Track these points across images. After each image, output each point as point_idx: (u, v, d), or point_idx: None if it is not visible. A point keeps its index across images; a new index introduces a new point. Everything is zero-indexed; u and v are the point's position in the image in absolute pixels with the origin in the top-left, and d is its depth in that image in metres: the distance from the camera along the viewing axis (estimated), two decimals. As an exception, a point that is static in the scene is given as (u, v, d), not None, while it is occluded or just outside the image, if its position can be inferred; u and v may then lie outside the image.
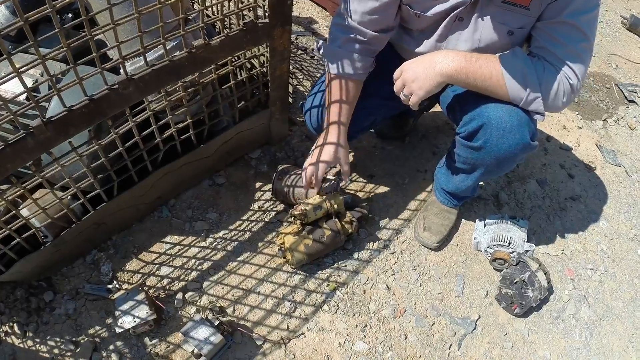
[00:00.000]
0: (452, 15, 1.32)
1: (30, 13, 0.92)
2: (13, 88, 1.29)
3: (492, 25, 1.29)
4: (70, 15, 1.57)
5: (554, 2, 1.19)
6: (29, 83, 1.31)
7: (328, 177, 1.72)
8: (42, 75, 1.38)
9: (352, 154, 2.02)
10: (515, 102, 1.29)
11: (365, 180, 1.96)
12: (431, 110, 2.12)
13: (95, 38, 1.07)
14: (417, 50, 1.47)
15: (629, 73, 2.87)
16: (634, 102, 2.64)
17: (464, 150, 1.48)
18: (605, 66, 2.86)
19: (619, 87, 2.72)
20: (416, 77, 1.31)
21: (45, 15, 0.93)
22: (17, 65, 0.98)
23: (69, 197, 1.36)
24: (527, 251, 1.72)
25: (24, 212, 1.32)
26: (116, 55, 1.17)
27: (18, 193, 1.24)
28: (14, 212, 1.26)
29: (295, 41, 2.45)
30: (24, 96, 1.06)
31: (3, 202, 1.21)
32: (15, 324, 1.43)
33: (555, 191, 2.07)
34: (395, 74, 1.39)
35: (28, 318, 1.45)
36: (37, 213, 1.31)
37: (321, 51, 1.50)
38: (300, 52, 2.42)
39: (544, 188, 2.07)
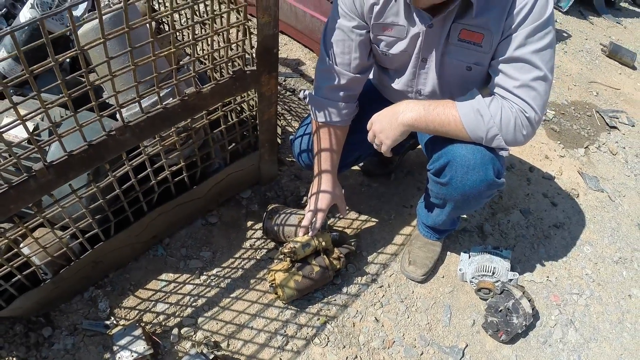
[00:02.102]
0: (414, 55, 1.44)
1: (35, 66, 1.03)
2: (16, 132, 1.37)
3: (452, 62, 1.40)
4: (68, 60, 1.68)
5: (503, 40, 1.28)
6: (30, 127, 1.40)
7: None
8: (42, 120, 1.47)
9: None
10: (477, 142, 1.36)
11: (352, 217, 2.03)
12: (416, 147, 2.23)
13: (94, 83, 1.17)
14: (393, 85, 1.59)
15: (610, 99, 2.98)
16: (615, 127, 2.74)
17: (433, 186, 1.56)
18: (586, 94, 2.98)
19: (600, 114, 2.82)
20: (382, 128, 1.45)
21: (48, 68, 1.04)
22: (21, 112, 1.07)
23: (68, 236, 1.44)
24: (510, 280, 1.77)
25: (25, 250, 1.39)
26: (114, 102, 1.27)
27: (20, 232, 1.31)
28: (15, 250, 1.33)
29: (284, 83, 2.58)
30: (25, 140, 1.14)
31: (5, 240, 1.29)
32: (14, 359, 1.47)
33: (539, 220, 2.14)
34: (368, 125, 1.52)
35: (27, 353, 1.49)
36: (37, 251, 1.37)
37: (307, 100, 1.63)
38: (288, 93, 2.54)
39: (528, 217, 2.14)
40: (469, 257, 1.86)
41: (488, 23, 1.27)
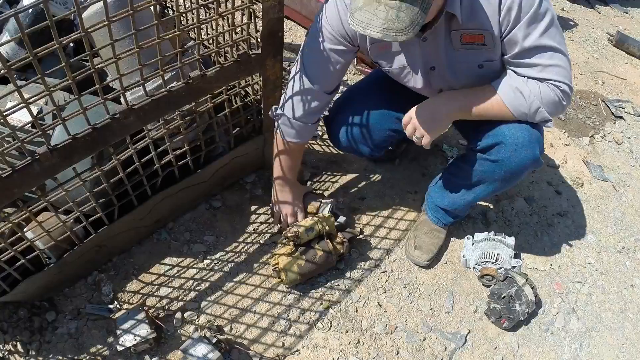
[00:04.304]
0: (421, 67, 1.45)
1: (39, 49, 1.01)
2: (20, 116, 1.36)
3: (462, 65, 1.42)
4: (71, 44, 1.66)
5: (507, 35, 1.30)
6: (34, 111, 1.39)
7: (324, 201, 1.83)
8: (46, 104, 1.46)
9: (345, 176, 2.10)
10: (522, 119, 1.39)
11: (356, 202, 2.02)
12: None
13: (98, 66, 1.16)
14: (415, 90, 1.60)
15: (616, 89, 2.96)
16: (620, 117, 2.72)
17: (478, 164, 1.56)
18: (592, 83, 2.95)
19: (605, 104, 2.80)
20: (425, 121, 1.44)
21: (52, 50, 1.02)
22: (25, 96, 1.06)
23: (72, 220, 1.43)
24: (514, 267, 1.77)
25: (29, 234, 1.38)
26: (118, 86, 1.26)
27: (24, 216, 1.31)
28: (19, 234, 1.33)
29: (288, 67, 2.55)
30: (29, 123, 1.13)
31: (9, 224, 1.28)
32: (18, 343, 1.48)
33: (543, 208, 2.14)
34: (405, 119, 1.51)
35: (31, 337, 1.50)
36: (41, 235, 1.37)
37: (279, 121, 1.64)
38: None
39: (532, 205, 2.13)
40: (473, 244, 1.86)
41: (483, 24, 1.29)
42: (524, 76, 1.35)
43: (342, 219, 1.82)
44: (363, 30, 1.11)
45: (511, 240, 1.82)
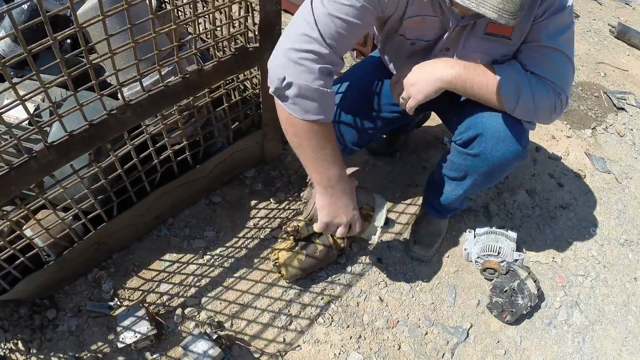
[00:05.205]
0: (438, 45, 1.39)
1: (33, 45, 1.00)
2: (16, 114, 1.35)
3: (476, 55, 1.35)
4: (68, 41, 1.64)
5: (532, 28, 1.26)
6: (31, 108, 1.38)
7: (378, 202, 1.51)
8: (43, 101, 1.44)
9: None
10: (508, 111, 1.34)
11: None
12: (422, 126, 2.20)
13: (94, 62, 1.14)
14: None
15: (618, 80, 2.94)
16: (622, 109, 2.70)
17: (459, 157, 1.51)
18: (594, 75, 2.93)
19: (607, 95, 2.78)
20: (415, 81, 1.34)
21: (47, 46, 1.01)
22: (20, 93, 1.05)
23: (71, 217, 1.42)
24: (516, 260, 1.76)
25: (28, 232, 1.38)
26: (114, 81, 1.24)
27: (22, 214, 1.30)
28: (18, 232, 1.32)
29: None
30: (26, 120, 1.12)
31: (7, 222, 1.27)
32: (19, 341, 1.48)
33: (545, 200, 2.12)
34: (394, 78, 1.44)
35: (32, 335, 1.50)
36: (40, 233, 1.36)
37: (290, 91, 1.18)
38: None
39: (534, 198, 2.12)
40: (474, 237, 1.85)
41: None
42: (533, 73, 1.31)
43: (392, 223, 1.61)
44: (477, 7, 1.00)
45: (513, 234, 1.81)
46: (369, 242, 1.48)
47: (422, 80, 1.34)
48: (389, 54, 1.58)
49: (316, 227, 1.40)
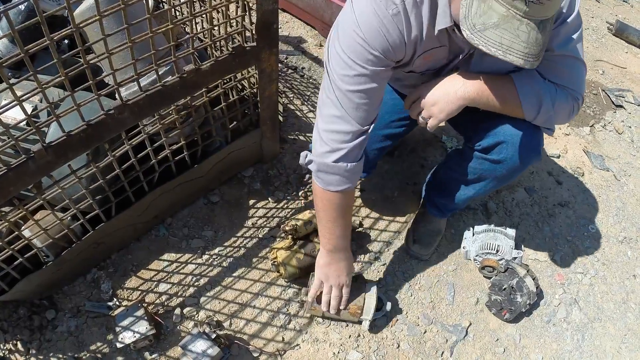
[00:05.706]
0: (449, 66, 1.37)
1: (30, 45, 0.99)
2: (14, 114, 1.34)
3: (488, 71, 1.32)
4: (66, 41, 1.64)
5: None
6: (28, 109, 1.38)
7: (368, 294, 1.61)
8: (40, 101, 1.44)
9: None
10: (528, 119, 1.35)
11: (356, 195, 2.01)
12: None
13: (91, 62, 1.14)
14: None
15: (616, 78, 2.94)
16: (621, 106, 2.70)
17: (476, 162, 1.52)
18: (592, 72, 2.93)
19: (606, 93, 2.78)
20: (436, 100, 1.33)
21: (44, 47, 1.01)
22: (18, 93, 1.05)
23: (69, 217, 1.43)
24: (515, 258, 1.76)
25: (26, 232, 1.38)
26: (112, 81, 1.24)
27: (20, 215, 1.30)
28: (16, 233, 1.32)
29: (285, 60, 2.54)
30: (23, 121, 1.13)
31: (6, 223, 1.27)
32: (18, 342, 1.48)
33: (544, 198, 2.12)
34: (412, 97, 1.41)
35: (31, 336, 1.50)
36: (38, 234, 1.36)
37: (312, 166, 1.37)
38: (290, 71, 2.50)
39: (532, 196, 2.12)
40: (473, 235, 1.85)
41: None
42: (550, 80, 1.30)
43: (388, 305, 1.63)
44: (504, 56, 0.99)
45: (512, 231, 1.81)
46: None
47: (444, 99, 1.33)
48: (395, 83, 1.64)
49: (312, 288, 1.56)
